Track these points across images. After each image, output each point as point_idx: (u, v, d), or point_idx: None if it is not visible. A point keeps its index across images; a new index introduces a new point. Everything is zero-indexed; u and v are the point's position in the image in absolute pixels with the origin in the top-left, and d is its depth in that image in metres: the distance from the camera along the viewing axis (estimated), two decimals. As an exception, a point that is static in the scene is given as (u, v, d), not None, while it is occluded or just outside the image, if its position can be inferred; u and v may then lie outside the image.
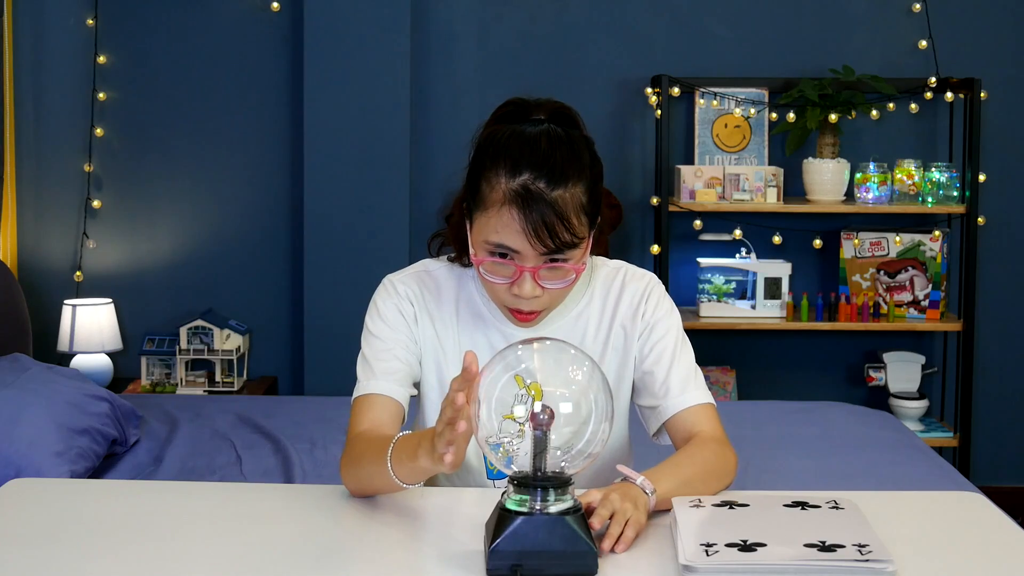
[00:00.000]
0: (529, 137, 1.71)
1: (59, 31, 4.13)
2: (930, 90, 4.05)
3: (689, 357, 1.88)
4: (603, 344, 1.87)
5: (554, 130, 1.72)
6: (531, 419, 1.45)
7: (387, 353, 1.83)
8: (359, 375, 1.84)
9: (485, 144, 1.75)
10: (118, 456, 2.92)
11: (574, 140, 1.73)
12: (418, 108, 4.15)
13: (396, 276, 1.90)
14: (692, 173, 4.03)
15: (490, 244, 1.70)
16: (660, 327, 1.87)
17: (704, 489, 1.71)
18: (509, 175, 1.68)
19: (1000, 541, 1.62)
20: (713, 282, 4.05)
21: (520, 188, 1.67)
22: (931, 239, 4.08)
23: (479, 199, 1.72)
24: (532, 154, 1.69)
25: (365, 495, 1.73)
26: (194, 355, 4.03)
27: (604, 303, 1.89)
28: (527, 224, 1.66)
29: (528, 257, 1.69)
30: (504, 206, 1.68)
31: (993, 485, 4.12)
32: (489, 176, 1.71)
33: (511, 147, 1.70)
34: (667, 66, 4.14)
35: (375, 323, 1.86)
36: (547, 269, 1.71)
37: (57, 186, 4.18)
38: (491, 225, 1.69)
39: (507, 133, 1.73)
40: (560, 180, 1.68)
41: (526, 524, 1.43)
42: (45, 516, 1.66)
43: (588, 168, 1.72)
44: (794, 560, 1.42)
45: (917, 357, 4.16)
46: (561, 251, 1.69)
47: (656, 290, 1.90)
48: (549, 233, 1.66)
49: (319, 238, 4.07)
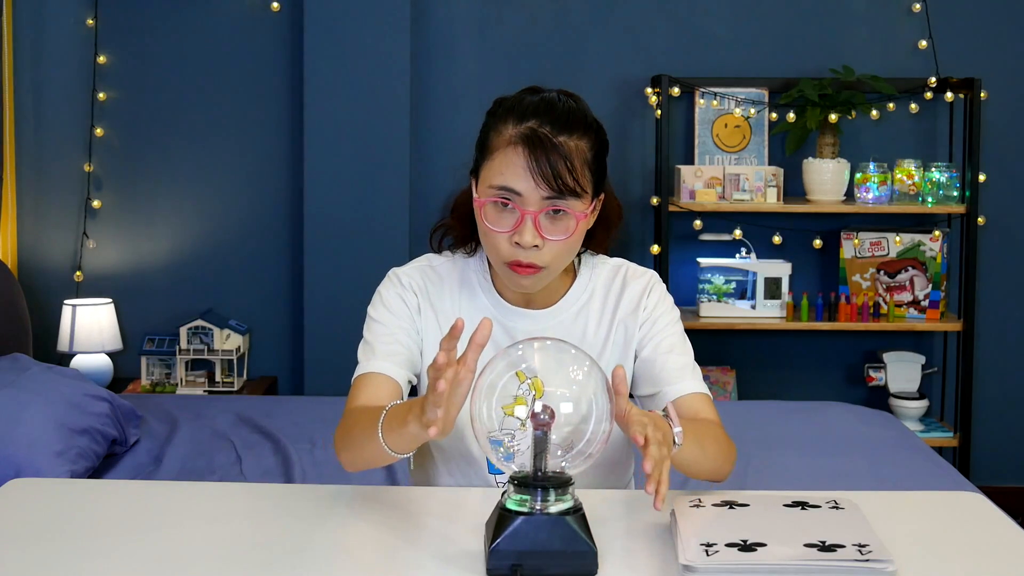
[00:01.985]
0: (538, 94, 1.78)
1: (59, 31, 4.13)
2: (930, 90, 4.05)
3: (690, 350, 1.91)
4: (603, 340, 1.88)
5: (562, 95, 1.79)
6: (531, 418, 1.45)
7: (389, 337, 1.84)
8: (359, 357, 1.85)
9: (494, 106, 1.80)
10: (118, 456, 2.92)
11: (581, 107, 1.79)
12: (418, 108, 4.15)
13: (400, 269, 1.93)
14: (692, 173, 4.03)
15: (494, 188, 1.74)
16: (661, 320, 1.89)
17: (712, 464, 1.73)
18: (516, 121, 1.74)
19: (1000, 541, 1.62)
20: (713, 282, 4.05)
21: (527, 130, 1.72)
22: (931, 239, 4.08)
23: (486, 150, 1.77)
24: (539, 103, 1.75)
25: (357, 467, 1.73)
26: (194, 355, 4.03)
27: (605, 300, 1.91)
28: (532, 162, 1.70)
29: (530, 200, 1.72)
30: (510, 146, 1.73)
31: (993, 485, 4.12)
32: (497, 126, 1.76)
33: (519, 101, 1.77)
34: (667, 66, 4.14)
35: (378, 310, 1.88)
36: (548, 218, 1.73)
37: (57, 186, 4.18)
38: (496, 168, 1.74)
39: (515, 96, 1.79)
40: (566, 128, 1.73)
41: (526, 524, 1.43)
42: (45, 516, 1.66)
43: (594, 130, 1.78)
44: (794, 560, 1.42)
45: (917, 357, 4.16)
46: (563, 195, 1.72)
47: (657, 287, 1.93)
48: (553, 173, 1.70)
49: (319, 238, 4.07)
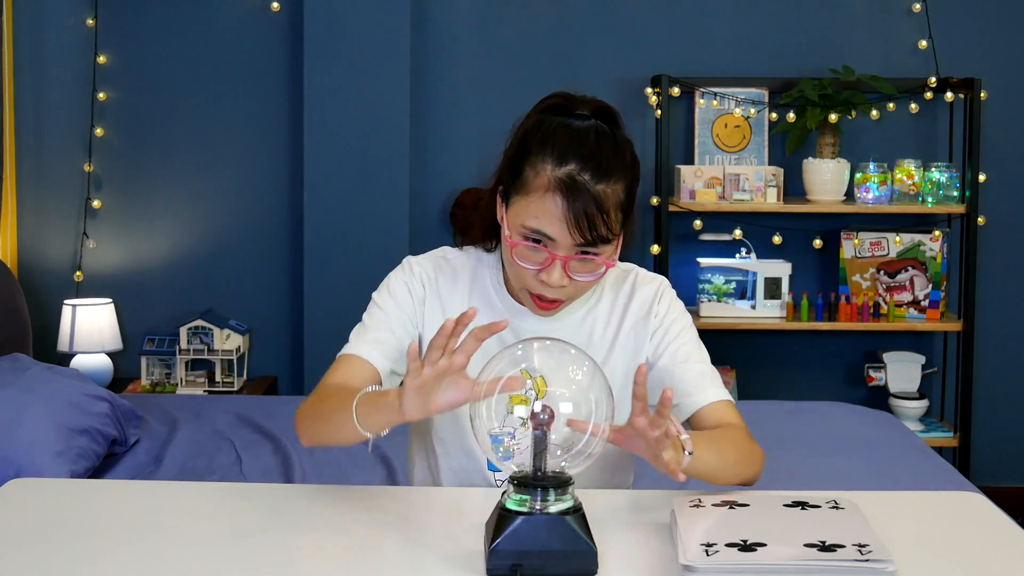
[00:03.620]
0: (577, 130, 1.73)
1: (59, 31, 4.13)
2: (930, 90, 4.05)
3: (706, 355, 1.90)
4: (610, 344, 1.88)
5: (601, 127, 1.75)
6: (531, 419, 1.45)
7: (384, 325, 1.85)
8: (351, 336, 1.86)
9: (533, 130, 1.76)
10: (118, 456, 2.92)
11: (619, 140, 1.75)
12: (418, 108, 4.15)
13: (415, 257, 1.93)
14: (692, 173, 4.03)
15: (527, 229, 1.72)
16: (675, 327, 1.89)
17: (734, 470, 1.72)
18: (556, 163, 1.70)
19: (1000, 541, 1.62)
20: (713, 282, 4.05)
21: (566, 177, 1.69)
22: (931, 239, 4.08)
23: (521, 183, 1.74)
24: (580, 146, 1.71)
25: (316, 442, 1.75)
26: (194, 355, 4.03)
27: (613, 303, 1.90)
28: (569, 213, 1.68)
29: (562, 246, 1.71)
30: (548, 192, 1.70)
31: (993, 485, 4.12)
32: (535, 162, 1.72)
33: (560, 137, 1.72)
34: (667, 66, 4.14)
35: (382, 296, 1.88)
36: (578, 261, 1.73)
37: (57, 186, 4.18)
38: (531, 210, 1.71)
39: (556, 123, 1.74)
40: (604, 175, 1.70)
41: (526, 524, 1.43)
42: (45, 516, 1.66)
43: (629, 168, 1.75)
44: (794, 560, 1.42)
45: (917, 357, 4.16)
46: (595, 244, 1.71)
47: (667, 293, 1.92)
48: (589, 225, 1.69)
49: (319, 238, 4.07)
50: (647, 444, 1.54)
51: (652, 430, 1.52)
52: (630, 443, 1.57)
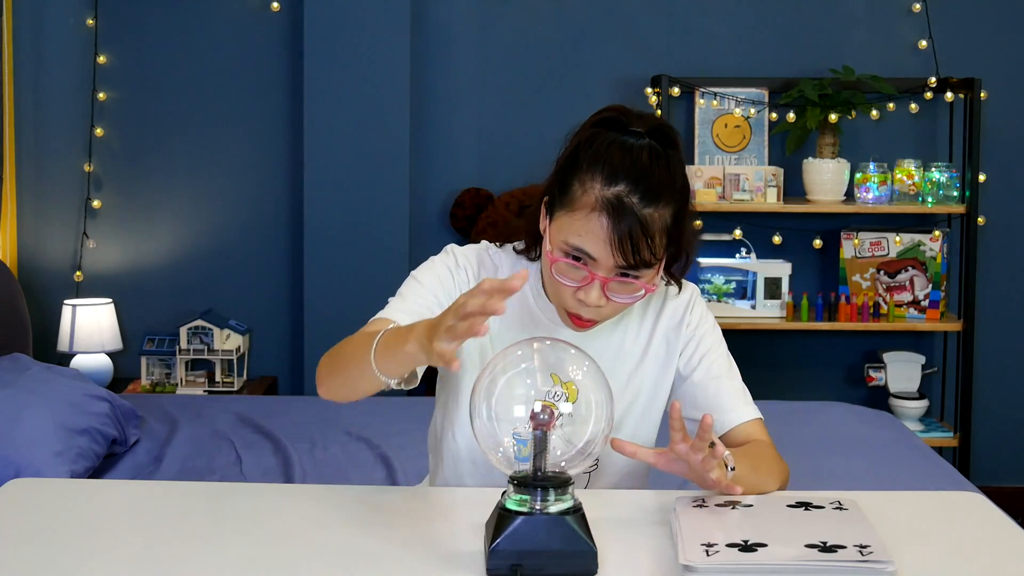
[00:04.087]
0: (630, 148, 1.68)
1: (59, 31, 4.13)
2: (930, 90, 4.05)
3: (736, 371, 1.90)
4: (641, 352, 1.87)
5: (655, 147, 1.69)
6: (531, 419, 1.45)
7: (422, 299, 1.80)
8: (389, 302, 1.81)
9: (585, 144, 1.71)
10: (118, 456, 2.92)
11: (672, 162, 1.70)
12: (418, 108, 4.15)
13: (459, 248, 1.89)
14: (692, 173, 4.03)
15: (569, 246, 1.69)
16: (706, 340, 1.88)
17: (767, 483, 1.73)
18: (605, 182, 1.66)
19: (1000, 541, 1.62)
20: (713, 282, 4.05)
21: (614, 198, 1.65)
22: (931, 239, 4.08)
23: (568, 199, 1.69)
24: (632, 167, 1.66)
25: (337, 395, 1.71)
26: (194, 355, 4.03)
27: (644, 312, 1.88)
28: (613, 235, 1.65)
29: (603, 267, 1.68)
30: (593, 212, 1.66)
31: (993, 485, 4.12)
32: (583, 178, 1.68)
33: (612, 154, 1.67)
34: (667, 66, 4.14)
35: (423, 272, 1.84)
36: (617, 282, 1.70)
37: (57, 186, 4.18)
38: (575, 227, 1.68)
39: (609, 140, 1.69)
40: (653, 199, 1.66)
41: (526, 524, 1.43)
42: (45, 516, 1.66)
43: (680, 192, 1.71)
44: (794, 560, 1.42)
45: (917, 357, 4.16)
46: (637, 268, 1.68)
47: (699, 303, 1.90)
48: (633, 248, 1.65)
49: (319, 238, 4.07)
50: (691, 467, 1.57)
51: (695, 454, 1.55)
52: (671, 466, 1.59)
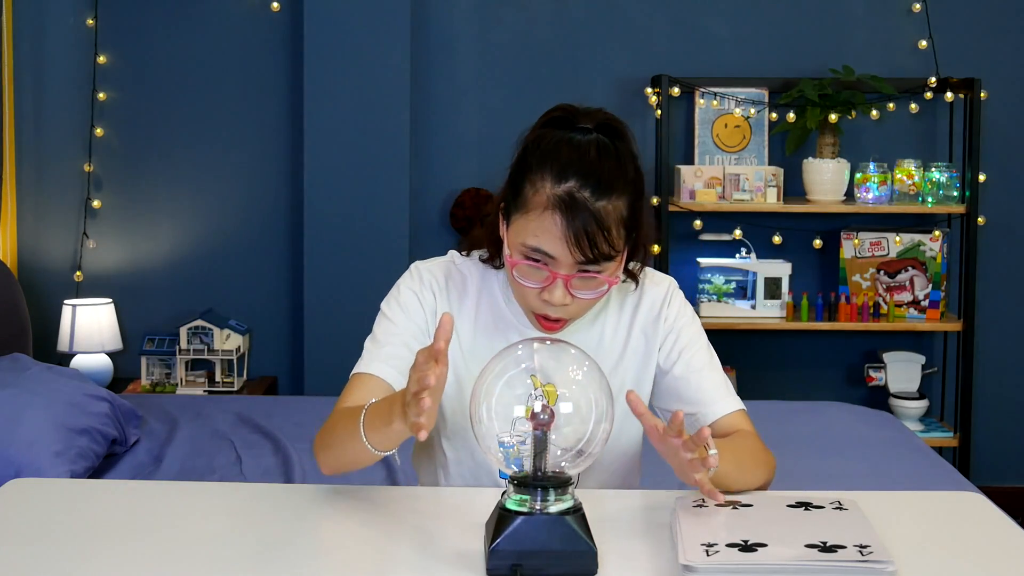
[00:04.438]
0: (578, 145, 1.69)
1: (59, 31, 4.13)
2: (930, 90, 4.05)
3: (718, 362, 1.89)
4: (621, 348, 1.86)
5: (603, 140, 1.70)
6: (531, 419, 1.45)
7: (396, 338, 1.82)
8: (364, 352, 1.83)
9: (532, 146, 1.72)
10: (118, 456, 2.92)
11: (621, 153, 1.71)
12: (418, 108, 4.15)
13: (424, 264, 1.89)
14: (692, 173, 4.03)
15: (527, 247, 1.69)
16: (685, 333, 1.87)
17: (751, 477, 1.72)
18: (555, 180, 1.66)
19: (1000, 541, 1.62)
20: (713, 282, 4.05)
21: (565, 195, 1.65)
22: (931, 239, 4.08)
23: (521, 201, 1.70)
24: (580, 162, 1.67)
25: (336, 469, 1.74)
26: (194, 355, 4.03)
27: (622, 307, 1.88)
28: (568, 231, 1.65)
29: (563, 264, 1.68)
30: (546, 211, 1.66)
31: (993, 485, 4.12)
32: (534, 179, 1.68)
33: (559, 152, 1.68)
34: (667, 66, 4.14)
35: (391, 307, 1.85)
36: (579, 279, 1.70)
37: (57, 186, 4.18)
38: (530, 228, 1.68)
39: (555, 138, 1.70)
40: (605, 191, 1.66)
41: (526, 524, 1.43)
42: (45, 516, 1.66)
43: (632, 183, 1.71)
44: (794, 560, 1.42)
45: (917, 357, 4.16)
46: (597, 262, 1.68)
47: (677, 295, 1.90)
48: (589, 243, 1.65)
49: (319, 238, 4.07)
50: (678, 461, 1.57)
51: (686, 452, 1.54)
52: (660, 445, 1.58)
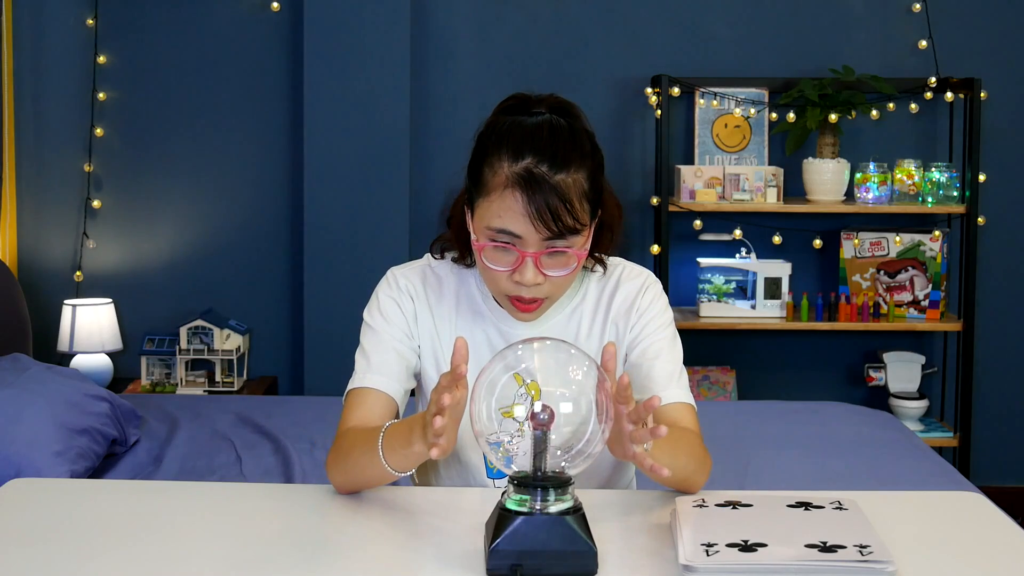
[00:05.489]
0: (531, 125, 1.72)
1: (59, 31, 4.13)
2: (930, 90, 4.05)
3: (678, 356, 1.87)
4: (598, 340, 1.87)
5: (556, 119, 1.73)
6: (531, 419, 1.45)
7: (384, 347, 1.84)
8: (356, 365, 1.85)
9: (487, 132, 1.75)
10: (118, 456, 2.92)
11: (576, 130, 1.74)
12: (418, 108, 4.15)
13: (399, 269, 1.91)
14: (692, 173, 4.03)
15: (492, 230, 1.70)
16: (653, 323, 1.87)
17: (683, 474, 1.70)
18: (512, 160, 1.69)
19: (1000, 541, 1.62)
20: (713, 282, 4.05)
21: (523, 171, 1.67)
22: (931, 239, 4.08)
23: (481, 185, 1.73)
24: (534, 139, 1.70)
25: (352, 490, 1.74)
26: (194, 355, 4.03)
27: (599, 299, 1.89)
28: (530, 207, 1.66)
29: (530, 242, 1.69)
30: (507, 189, 1.68)
31: (993, 485, 4.12)
32: (492, 162, 1.71)
33: (513, 134, 1.71)
34: (667, 66, 4.14)
35: (373, 316, 1.87)
36: (549, 255, 1.71)
37: (57, 186, 4.18)
38: (493, 210, 1.70)
39: (508, 122, 1.74)
40: (562, 165, 1.69)
41: (526, 524, 1.43)
42: (45, 516, 1.66)
43: (589, 157, 1.73)
44: (794, 560, 1.42)
45: (917, 357, 4.16)
46: (563, 236, 1.69)
47: (652, 288, 1.90)
48: (552, 216, 1.66)
49: (319, 238, 4.07)
50: (618, 429, 1.51)
51: (628, 422, 1.49)
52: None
